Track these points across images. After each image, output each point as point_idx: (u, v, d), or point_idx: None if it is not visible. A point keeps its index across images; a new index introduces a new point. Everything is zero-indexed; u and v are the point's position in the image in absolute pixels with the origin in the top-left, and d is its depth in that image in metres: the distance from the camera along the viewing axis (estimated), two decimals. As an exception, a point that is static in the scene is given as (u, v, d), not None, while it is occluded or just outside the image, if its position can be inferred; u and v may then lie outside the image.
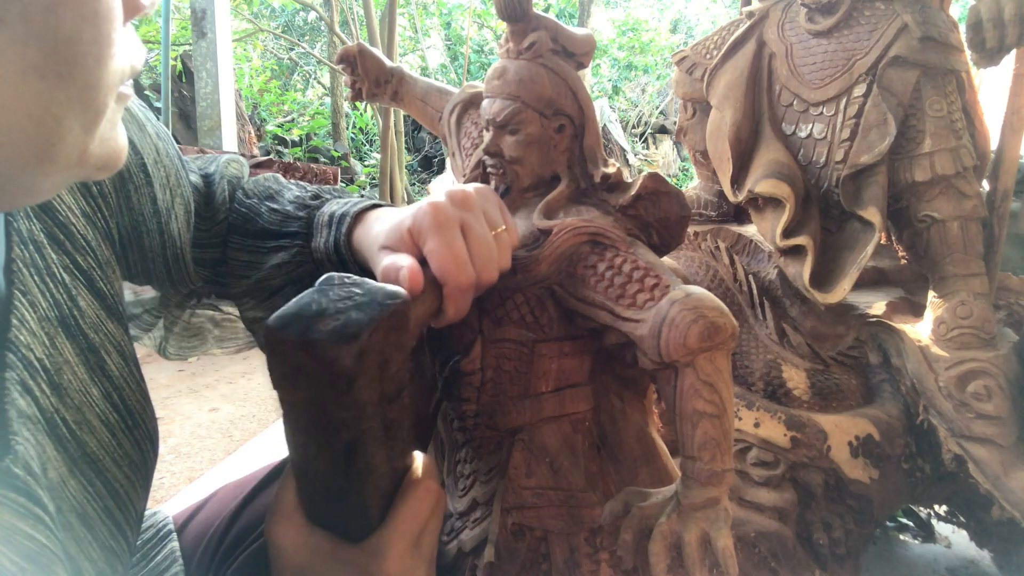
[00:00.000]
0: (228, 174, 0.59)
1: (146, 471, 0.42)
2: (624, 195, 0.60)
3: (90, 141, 0.29)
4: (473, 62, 8.04)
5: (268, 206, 0.57)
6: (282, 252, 0.55)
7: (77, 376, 0.37)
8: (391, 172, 4.59)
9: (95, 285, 0.41)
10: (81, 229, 0.40)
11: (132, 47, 0.31)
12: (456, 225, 0.47)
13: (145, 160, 0.47)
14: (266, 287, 0.56)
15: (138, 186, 0.46)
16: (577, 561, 0.57)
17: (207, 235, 0.56)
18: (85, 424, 0.37)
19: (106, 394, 0.39)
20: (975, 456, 0.88)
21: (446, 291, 0.46)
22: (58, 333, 0.37)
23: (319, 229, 0.54)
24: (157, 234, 0.49)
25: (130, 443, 0.40)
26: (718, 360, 0.49)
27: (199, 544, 0.61)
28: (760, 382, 1.03)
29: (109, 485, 0.38)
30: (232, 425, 2.02)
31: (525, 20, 0.60)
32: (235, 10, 6.12)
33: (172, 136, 0.54)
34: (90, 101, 0.28)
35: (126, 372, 0.41)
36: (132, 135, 0.45)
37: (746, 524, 0.93)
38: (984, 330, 0.92)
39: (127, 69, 0.30)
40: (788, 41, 1.07)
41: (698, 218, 1.31)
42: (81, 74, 0.27)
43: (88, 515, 0.36)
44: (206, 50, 3.84)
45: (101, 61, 0.27)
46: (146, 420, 0.42)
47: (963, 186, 0.95)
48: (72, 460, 0.36)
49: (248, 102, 6.46)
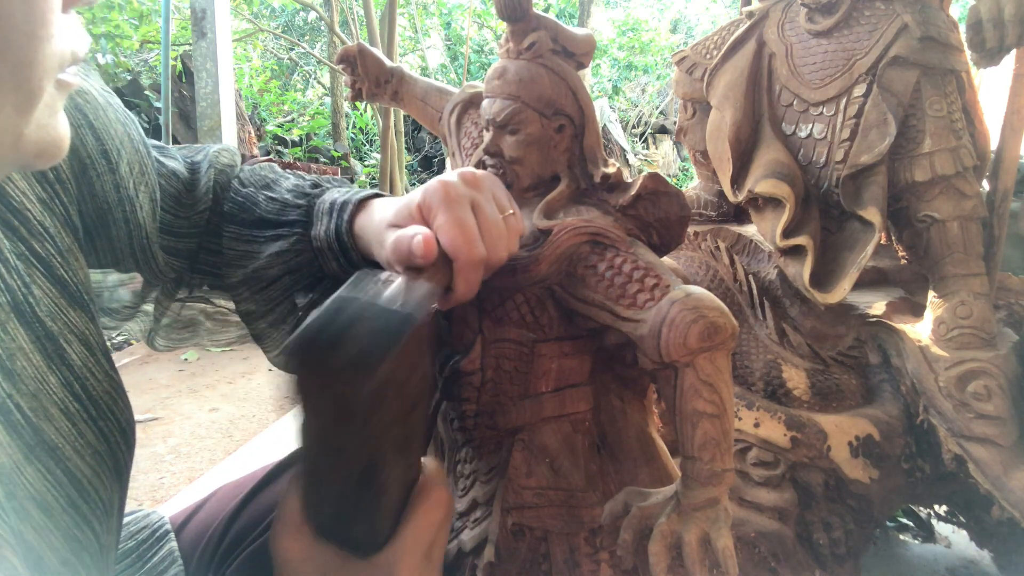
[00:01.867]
0: (218, 163, 0.58)
1: (115, 462, 0.41)
2: (624, 195, 0.60)
3: (24, 124, 0.29)
4: (473, 62, 8.04)
5: (266, 195, 0.57)
6: (280, 241, 0.54)
7: (32, 363, 0.36)
8: (391, 172, 4.59)
9: (55, 272, 0.40)
10: (38, 215, 0.40)
11: (74, 34, 0.30)
12: (467, 202, 0.46)
13: (107, 146, 0.46)
14: (263, 276, 0.55)
15: (100, 173, 0.45)
16: (577, 561, 0.57)
17: (185, 223, 0.55)
18: (42, 411, 0.36)
19: (65, 383, 0.38)
20: (975, 456, 0.88)
21: (457, 266, 0.45)
22: (10, 318, 0.36)
23: (319, 217, 0.53)
24: (123, 222, 0.47)
25: (94, 433, 0.39)
26: (718, 360, 0.49)
27: (198, 544, 0.61)
28: (760, 382, 1.03)
29: (70, 474, 0.37)
30: (232, 425, 2.02)
31: (525, 20, 0.60)
32: (235, 10, 6.12)
33: (172, 136, 0.53)
34: (22, 81, 0.27)
35: (91, 362, 0.40)
36: (93, 120, 0.45)
37: (746, 524, 0.93)
38: (984, 330, 0.92)
39: (67, 54, 0.30)
40: (788, 41, 1.07)
41: (698, 218, 1.31)
42: (11, 52, 0.26)
43: (48, 503, 0.35)
44: (206, 50, 3.84)
45: (34, 40, 0.27)
46: (115, 412, 0.41)
47: (963, 186, 0.95)
48: (28, 447, 0.35)
49: (248, 102, 6.46)
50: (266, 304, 0.57)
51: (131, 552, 0.58)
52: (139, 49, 5.11)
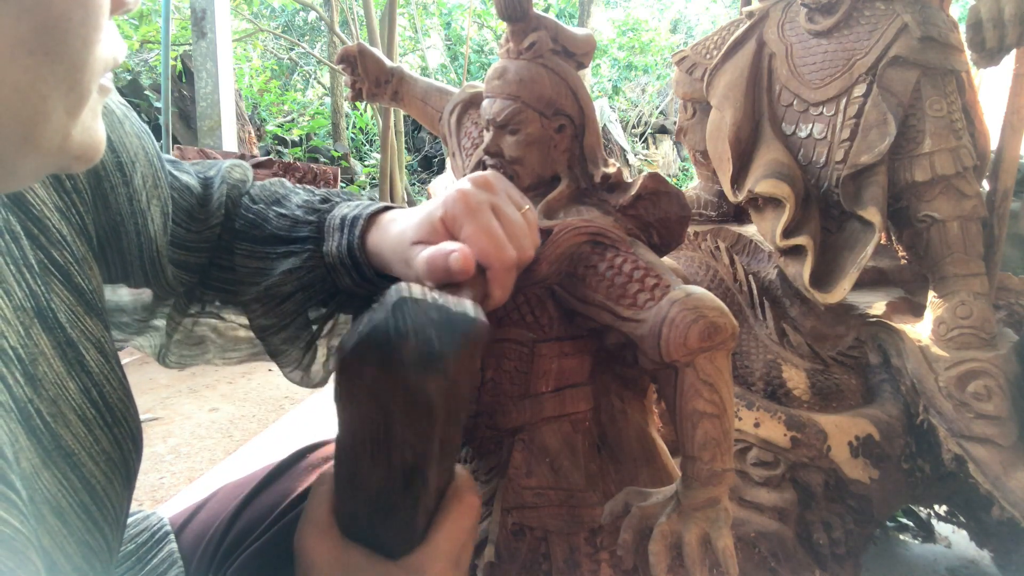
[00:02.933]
0: (231, 179, 0.59)
1: (127, 470, 0.41)
2: (624, 195, 0.60)
3: (72, 126, 0.29)
4: (473, 62, 8.04)
5: (276, 211, 0.57)
6: (292, 257, 0.54)
7: (53, 369, 0.37)
8: (391, 172, 4.59)
9: (72, 280, 0.40)
10: (56, 223, 0.40)
11: (115, 40, 0.31)
12: (488, 208, 0.46)
13: (122, 159, 0.46)
14: (276, 293, 0.55)
15: (114, 185, 0.45)
16: (577, 561, 0.57)
17: (196, 237, 0.55)
18: (60, 417, 0.36)
19: (84, 389, 0.39)
20: (975, 456, 0.88)
21: (490, 274, 0.45)
22: (34, 324, 0.36)
23: (331, 233, 0.54)
24: (135, 234, 0.48)
25: (109, 440, 0.39)
26: (718, 360, 0.49)
27: (199, 544, 0.61)
28: (760, 382, 1.03)
29: (85, 480, 0.37)
30: (232, 425, 2.02)
31: (525, 20, 0.60)
32: (235, 10, 6.12)
33: (172, 136, 0.53)
34: (75, 83, 0.28)
35: (106, 369, 0.41)
36: (109, 132, 0.45)
37: (746, 524, 0.93)
38: (984, 330, 0.92)
39: (110, 60, 0.31)
40: (788, 41, 1.07)
41: (698, 218, 1.31)
42: (69, 54, 0.27)
43: (63, 508, 0.35)
44: (206, 50, 3.84)
45: (89, 44, 0.28)
46: (128, 419, 0.42)
47: (963, 186, 0.95)
48: (46, 452, 0.35)
49: (248, 102, 6.46)
50: (281, 319, 0.57)
51: (131, 555, 0.58)
52: (139, 49, 5.11)
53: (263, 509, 0.60)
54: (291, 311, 0.56)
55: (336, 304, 0.57)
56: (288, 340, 0.59)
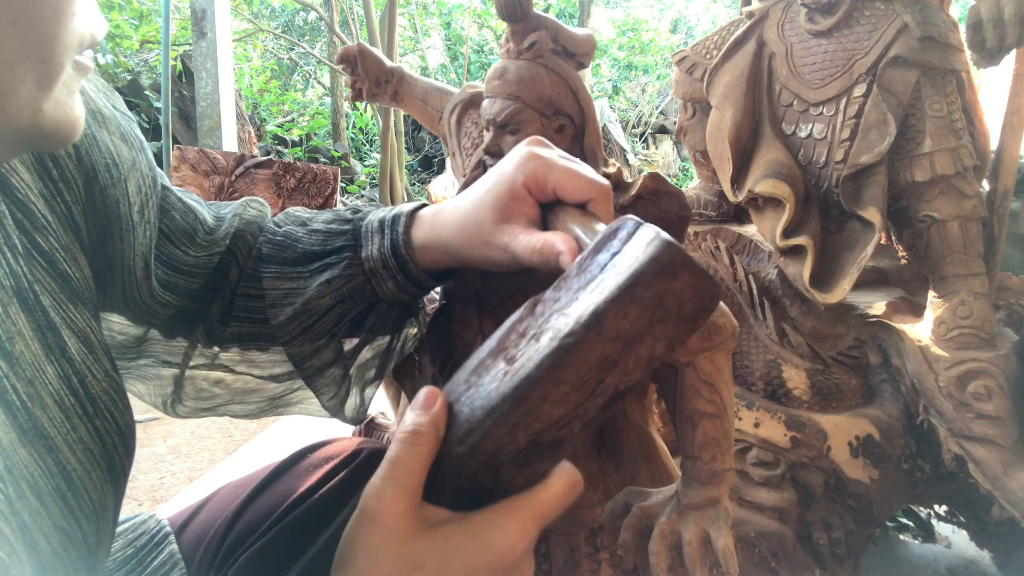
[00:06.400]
0: (246, 214, 0.58)
1: (109, 463, 0.40)
2: (624, 195, 0.60)
3: (44, 100, 0.29)
4: (473, 62, 8.04)
5: (306, 229, 0.56)
6: (329, 270, 0.53)
7: (31, 350, 0.36)
8: (391, 172, 4.59)
9: (58, 267, 0.39)
10: (41, 209, 0.39)
11: (93, 17, 0.31)
12: (558, 156, 0.47)
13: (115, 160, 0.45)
14: (312, 309, 0.54)
15: (104, 186, 0.44)
16: (577, 561, 0.57)
17: (192, 260, 0.53)
18: (37, 399, 0.36)
19: (63, 376, 0.38)
20: (975, 456, 0.88)
21: (593, 206, 0.46)
22: (12, 303, 0.35)
23: (369, 237, 0.53)
24: (119, 240, 0.46)
25: (88, 430, 0.39)
26: (718, 360, 0.49)
27: (200, 545, 0.60)
28: (760, 382, 1.03)
29: (61, 466, 0.36)
30: (232, 425, 2.02)
31: (525, 20, 0.60)
32: (235, 10, 6.12)
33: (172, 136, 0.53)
34: (46, 55, 0.28)
35: (90, 359, 0.40)
36: (102, 138, 0.44)
37: (746, 524, 0.93)
38: (984, 330, 0.92)
39: (87, 36, 0.30)
40: (788, 41, 1.07)
41: (698, 218, 1.31)
42: (38, 24, 0.27)
43: (39, 487, 0.35)
44: (206, 50, 3.84)
45: (60, 15, 0.28)
46: (115, 413, 0.41)
47: (963, 186, 0.95)
48: (22, 430, 0.35)
49: (248, 102, 6.46)
50: (315, 339, 0.55)
51: (130, 559, 0.58)
52: (139, 49, 5.11)
53: (264, 509, 0.60)
54: (328, 329, 0.55)
55: (373, 320, 0.56)
56: (324, 365, 0.57)
